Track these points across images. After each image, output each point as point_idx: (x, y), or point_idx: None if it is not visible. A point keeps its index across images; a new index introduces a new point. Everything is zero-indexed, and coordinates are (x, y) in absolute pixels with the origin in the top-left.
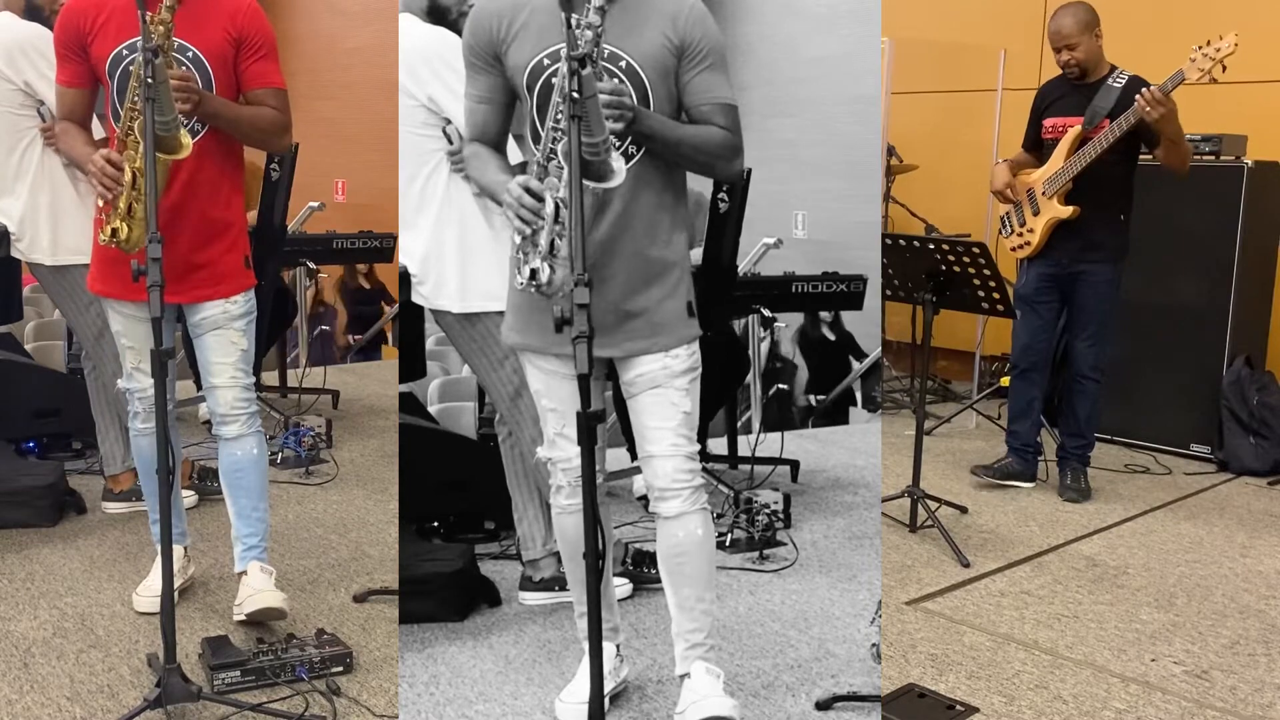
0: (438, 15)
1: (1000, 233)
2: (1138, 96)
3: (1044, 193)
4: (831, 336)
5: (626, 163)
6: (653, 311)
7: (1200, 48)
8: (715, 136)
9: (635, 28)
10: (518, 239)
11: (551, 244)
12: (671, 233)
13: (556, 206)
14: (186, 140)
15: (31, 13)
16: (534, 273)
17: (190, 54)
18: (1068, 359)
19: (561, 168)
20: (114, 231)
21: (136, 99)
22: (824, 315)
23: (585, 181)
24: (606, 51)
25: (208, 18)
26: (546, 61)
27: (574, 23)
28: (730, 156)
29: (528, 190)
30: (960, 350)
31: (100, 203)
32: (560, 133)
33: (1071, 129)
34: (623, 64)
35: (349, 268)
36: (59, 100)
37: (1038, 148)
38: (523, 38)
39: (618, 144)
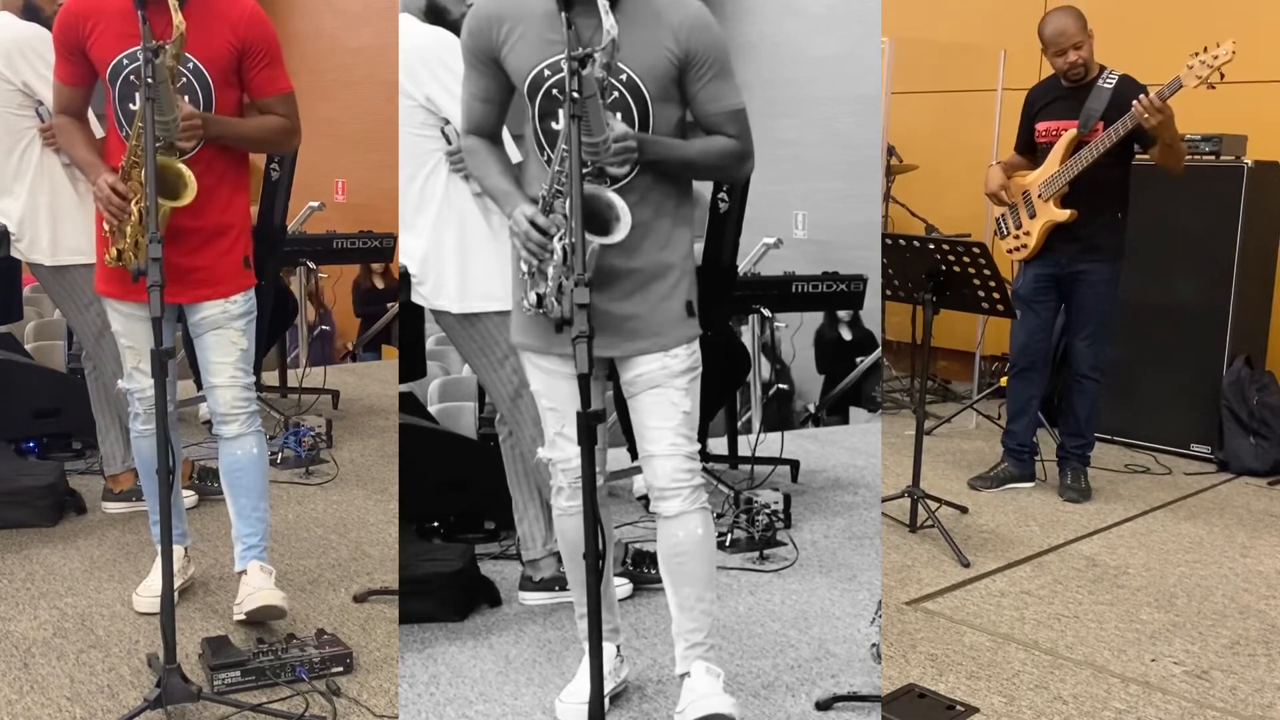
0: (436, 15)
1: (996, 235)
2: (1135, 103)
3: (1040, 196)
4: (848, 336)
5: (627, 174)
6: (652, 311)
7: (1198, 54)
8: (723, 147)
9: (637, 39)
10: (524, 266)
11: (559, 285)
12: (671, 234)
13: (565, 253)
14: (192, 185)
15: (30, 12)
16: (540, 298)
17: (190, 65)
18: (1067, 359)
19: (566, 219)
20: (119, 253)
21: (141, 142)
22: (841, 315)
23: (588, 236)
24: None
25: (209, 27)
26: (547, 72)
27: (603, 27)
28: (739, 164)
29: (534, 226)
30: (960, 350)
31: (106, 228)
32: (564, 178)
33: (1066, 133)
34: (623, 77)
35: (364, 268)
36: (56, 95)
37: (1031, 150)
38: (522, 44)
39: (622, 175)
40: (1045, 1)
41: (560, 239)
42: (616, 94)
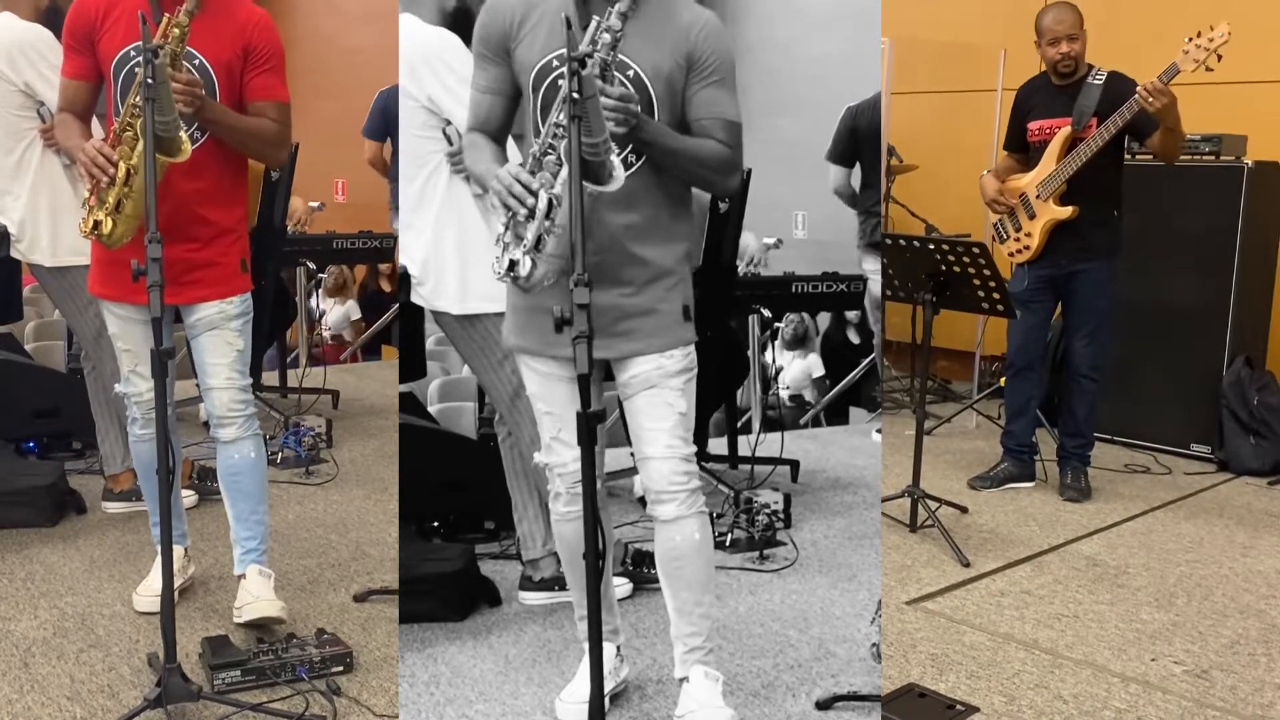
0: (464, 16)
1: (995, 240)
2: (1139, 90)
3: (1038, 196)
4: (856, 339)
5: (626, 171)
6: (649, 313)
7: (1192, 39)
8: (714, 151)
9: (648, 39)
10: (500, 228)
11: (539, 240)
12: (668, 241)
13: (550, 202)
14: (186, 146)
15: (52, 14)
16: (513, 264)
17: (196, 61)
18: (1066, 359)
19: (560, 164)
20: (96, 224)
21: (139, 98)
22: (850, 316)
23: (586, 184)
24: (615, 59)
25: (218, 28)
26: (555, 63)
27: (594, 25)
28: (727, 172)
29: (518, 180)
30: (960, 350)
31: (86, 192)
32: (562, 129)
33: (1060, 130)
34: (630, 73)
35: (371, 269)
36: (62, 91)
37: (1021, 149)
38: (534, 36)
39: (618, 150)
40: (1045, 1)
41: (549, 189)
42: (623, 87)
